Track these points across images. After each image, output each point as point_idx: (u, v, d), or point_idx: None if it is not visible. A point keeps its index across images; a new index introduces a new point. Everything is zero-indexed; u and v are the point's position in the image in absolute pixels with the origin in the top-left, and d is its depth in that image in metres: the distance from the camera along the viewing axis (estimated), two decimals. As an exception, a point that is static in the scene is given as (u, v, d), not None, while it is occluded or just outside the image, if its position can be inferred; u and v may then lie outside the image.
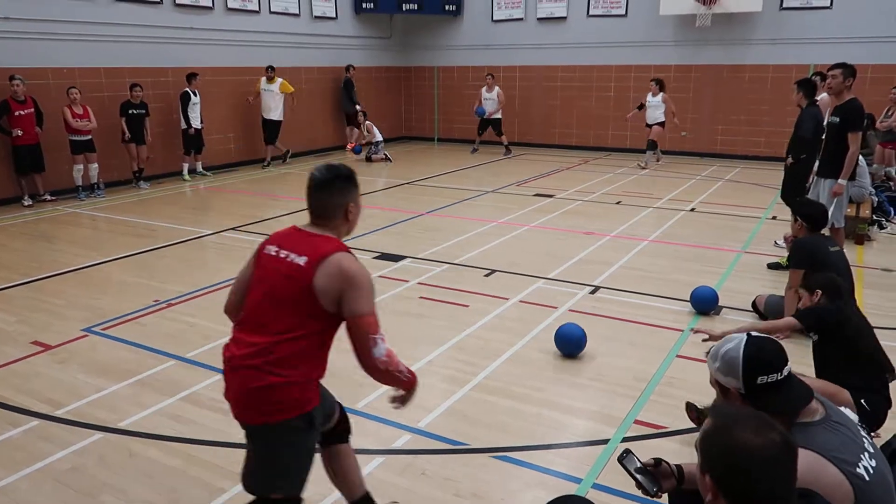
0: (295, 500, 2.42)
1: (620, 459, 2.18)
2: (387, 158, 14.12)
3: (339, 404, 2.74)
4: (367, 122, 14.18)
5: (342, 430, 2.73)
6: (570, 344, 4.61)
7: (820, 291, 3.62)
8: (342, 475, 2.74)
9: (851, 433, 1.96)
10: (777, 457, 1.52)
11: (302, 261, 2.31)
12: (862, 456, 1.90)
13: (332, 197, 2.43)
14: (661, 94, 12.88)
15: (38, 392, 4.18)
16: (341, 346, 2.42)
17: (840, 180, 5.99)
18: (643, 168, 12.88)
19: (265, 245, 2.49)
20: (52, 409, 3.97)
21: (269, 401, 2.26)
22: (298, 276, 2.29)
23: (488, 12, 16.00)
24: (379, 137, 14.18)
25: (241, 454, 3.43)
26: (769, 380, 1.98)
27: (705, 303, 5.38)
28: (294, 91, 13.10)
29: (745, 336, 2.03)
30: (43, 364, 4.60)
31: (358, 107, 14.57)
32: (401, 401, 2.51)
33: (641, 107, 13.23)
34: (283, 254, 2.38)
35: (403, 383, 2.42)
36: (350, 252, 2.37)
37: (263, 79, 12.77)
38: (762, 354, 2.00)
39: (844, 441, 1.91)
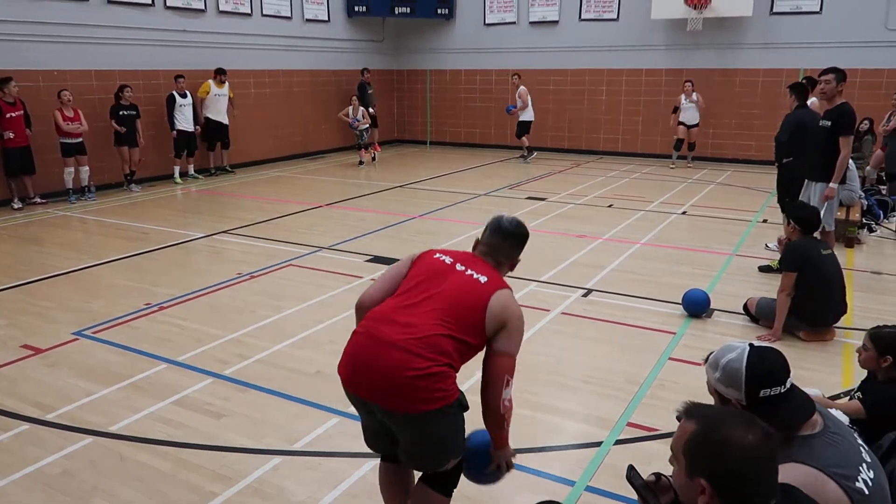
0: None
1: (628, 477, 2.19)
2: (373, 158, 14.19)
3: None
4: (360, 108, 13.69)
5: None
6: (696, 305, 5.34)
7: (891, 358, 3.06)
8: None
9: (850, 444, 1.94)
10: (766, 451, 1.53)
11: (483, 279, 2.47)
12: (861, 468, 1.88)
13: (513, 249, 2.66)
14: (695, 94, 13.11)
15: (28, 396, 4.15)
16: (336, 351, 2.41)
17: (831, 184, 6.02)
18: (671, 167, 13.33)
19: (433, 252, 2.63)
20: (43, 413, 3.94)
21: (418, 389, 2.28)
22: (478, 291, 2.43)
23: (481, 16, 16.04)
24: (365, 126, 13.80)
25: (232, 458, 3.45)
26: (772, 393, 1.92)
27: (697, 305, 5.40)
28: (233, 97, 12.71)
29: (747, 345, 1.98)
30: (33, 368, 4.56)
31: (371, 109, 14.37)
32: (491, 481, 2.60)
33: (676, 110, 13.34)
34: (461, 267, 2.52)
35: (503, 436, 2.49)
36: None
37: (211, 82, 12.12)
38: (766, 366, 1.94)
39: (844, 454, 1.89)
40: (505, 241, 2.63)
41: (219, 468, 3.37)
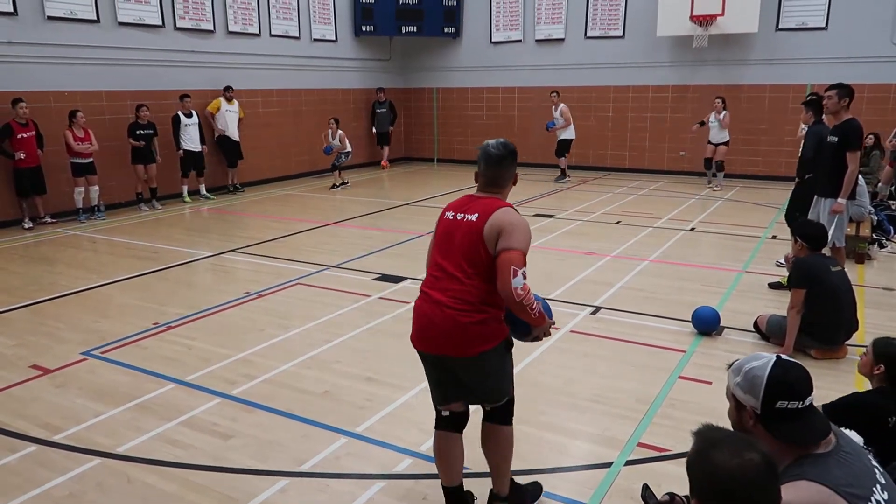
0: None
1: (643, 496, 2.21)
2: (344, 182, 13.47)
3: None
4: (339, 130, 13.40)
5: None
6: (706, 322, 5.30)
7: (883, 367, 3.04)
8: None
9: (863, 465, 1.92)
10: (757, 477, 1.54)
11: (474, 217, 2.80)
12: (875, 489, 1.85)
13: (506, 169, 2.93)
14: (725, 111, 12.61)
15: (36, 417, 4.15)
16: (344, 370, 2.40)
17: (839, 199, 6.00)
18: (716, 190, 12.65)
19: (444, 212, 2.98)
20: (50, 434, 3.93)
21: (469, 334, 2.74)
22: (473, 231, 2.77)
23: (487, 34, 16.15)
24: (349, 149, 13.55)
25: (239, 479, 3.43)
26: (789, 406, 1.90)
27: (707, 323, 5.36)
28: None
29: (774, 356, 1.97)
30: (41, 388, 4.57)
31: (381, 129, 14.81)
32: (533, 339, 2.98)
33: (703, 124, 12.94)
34: (460, 216, 2.86)
35: (533, 319, 2.77)
36: (512, 206, 2.85)
37: (222, 99, 12.33)
38: (788, 378, 1.93)
39: (857, 474, 1.87)
40: (499, 167, 2.92)
41: (226, 490, 3.35)
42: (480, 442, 3.08)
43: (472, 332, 2.74)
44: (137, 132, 10.73)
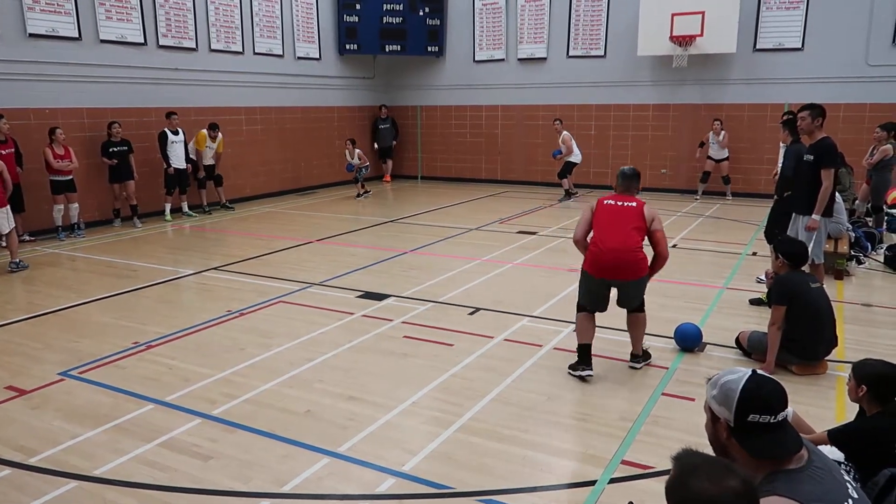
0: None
1: None
2: (366, 192, 14.56)
3: None
4: (357, 150, 14.43)
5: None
6: (688, 338, 5.44)
7: (865, 388, 3.07)
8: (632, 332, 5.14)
9: (834, 479, 1.93)
10: (733, 502, 1.53)
11: (633, 204, 4.87)
12: (847, 502, 1.87)
13: (634, 182, 5.04)
14: (724, 132, 13.36)
15: (11, 439, 4.06)
16: (326, 389, 2.38)
17: (814, 216, 6.08)
18: (728, 200, 13.62)
19: (603, 201, 4.96)
20: (26, 456, 3.85)
21: (640, 267, 4.83)
22: (635, 211, 4.83)
23: (470, 53, 16.29)
24: (367, 163, 14.76)
25: (219, 501, 3.38)
26: (761, 420, 1.93)
27: (689, 339, 5.39)
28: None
29: (749, 371, 2.00)
30: (17, 410, 4.48)
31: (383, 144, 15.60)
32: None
33: (702, 144, 13.56)
34: (620, 203, 4.90)
35: (663, 266, 4.96)
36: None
37: (206, 136, 12.17)
38: (761, 392, 1.95)
39: (828, 489, 1.88)
40: (630, 181, 5.01)
41: (205, 512, 3.29)
42: (627, 324, 5.10)
43: (639, 265, 4.80)
44: (110, 150, 10.65)
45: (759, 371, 2.02)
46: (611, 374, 4.98)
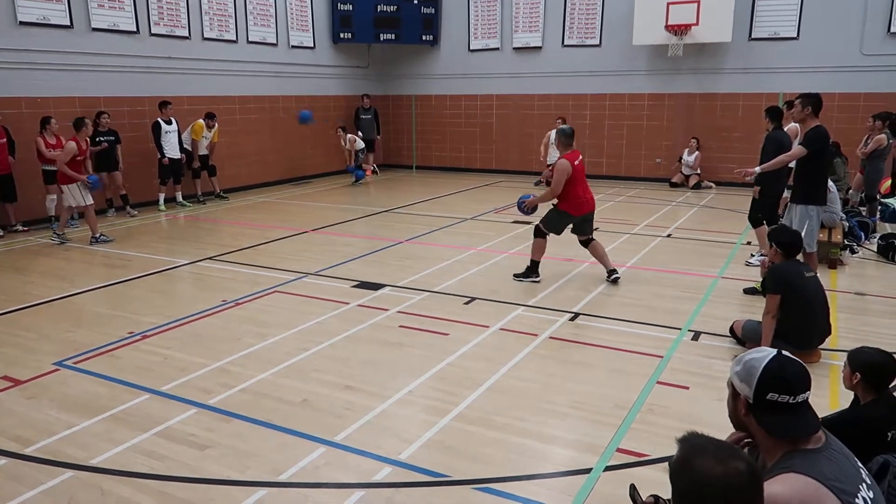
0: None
1: (631, 495, 2.22)
2: (374, 171, 15.24)
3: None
4: (347, 135, 14.59)
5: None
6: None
7: (860, 375, 3.08)
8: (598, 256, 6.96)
9: (850, 464, 1.96)
10: (739, 486, 1.54)
11: (581, 157, 6.82)
12: (861, 486, 1.90)
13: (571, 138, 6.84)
14: (697, 153, 13.90)
15: (7, 429, 4.06)
16: (322, 379, 2.38)
17: (756, 168, 6.67)
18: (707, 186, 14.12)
19: (573, 162, 6.59)
20: (22, 446, 3.85)
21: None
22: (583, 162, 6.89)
23: (465, 42, 16.22)
24: (361, 145, 14.90)
25: (216, 490, 3.39)
26: (779, 399, 1.94)
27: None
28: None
29: (776, 351, 2.02)
30: (12, 400, 4.47)
31: (364, 134, 15.41)
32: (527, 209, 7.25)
33: (680, 159, 13.99)
34: (579, 160, 6.63)
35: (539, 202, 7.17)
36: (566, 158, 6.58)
37: (203, 124, 12.11)
38: (783, 372, 1.96)
39: (844, 471, 1.91)
40: (572, 138, 6.79)
41: (202, 501, 3.30)
42: (593, 254, 6.95)
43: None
44: (98, 139, 10.58)
45: (786, 353, 2.03)
46: (606, 363, 5.00)
